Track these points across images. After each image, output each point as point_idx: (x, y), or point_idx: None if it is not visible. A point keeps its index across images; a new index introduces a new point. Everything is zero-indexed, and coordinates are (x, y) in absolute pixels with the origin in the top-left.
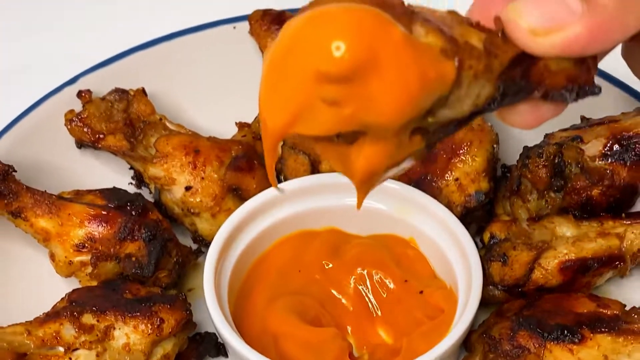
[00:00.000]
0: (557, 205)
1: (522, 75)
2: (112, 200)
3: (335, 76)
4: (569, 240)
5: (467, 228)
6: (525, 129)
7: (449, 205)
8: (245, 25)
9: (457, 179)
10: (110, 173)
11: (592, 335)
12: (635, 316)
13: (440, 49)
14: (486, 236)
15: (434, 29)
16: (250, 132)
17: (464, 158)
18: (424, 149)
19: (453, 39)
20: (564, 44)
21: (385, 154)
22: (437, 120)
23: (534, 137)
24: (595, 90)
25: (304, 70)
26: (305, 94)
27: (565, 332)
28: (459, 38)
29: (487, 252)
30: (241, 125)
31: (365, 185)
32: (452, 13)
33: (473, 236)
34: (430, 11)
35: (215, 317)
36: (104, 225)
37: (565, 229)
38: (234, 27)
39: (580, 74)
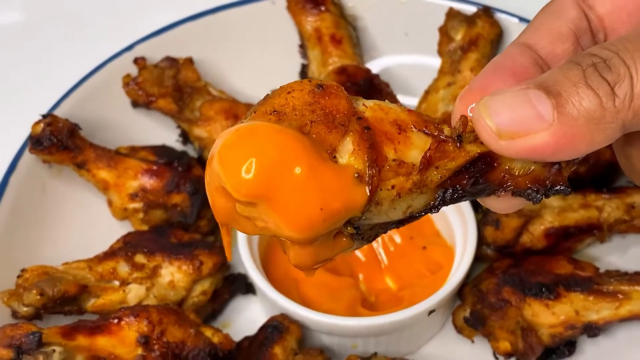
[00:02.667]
0: None
1: (480, 176)
2: (162, 156)
3: (240, 200)
4: (555, 210)
5: None
6: (502, 212)
7: None
8: (283, 2)
9: None
10: (160, 130)
11: (566, 293)
12: (607, 278)
13: (356, 172)
14: None
15: (359, 150)
16: None
17: None
18: (359, 246)
19: (375, 161)
20: (529, 150)
21: (308, 255)
22: (361, 226)
23: None
24: (566, 191)
25: (221, 188)
26: (224, 207)
27: (544, 289)
28: (388, 155)
29: (483, 217)
30: None
31: (305, 271)
32: (408, 113)
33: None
34: (380, 108)
35: (246, 262)
36: (154, 178)
37: (553, 199)
38: (273, 3)
39: (548, 176)
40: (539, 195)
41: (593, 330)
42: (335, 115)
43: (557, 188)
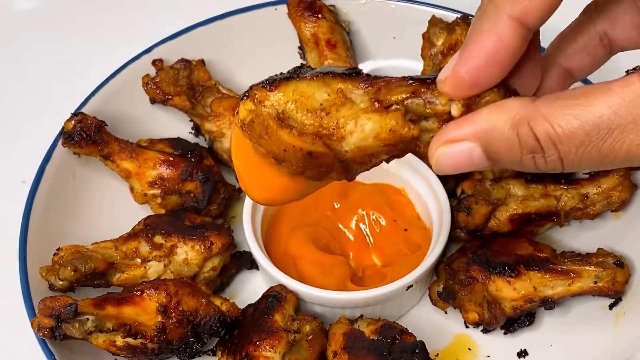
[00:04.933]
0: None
1: None
2: (177, 148)
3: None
4: (518, 198)
5: (447, 181)
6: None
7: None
8: (284, 8)
9: None
10: (175, 124)
11: (526, 271)
12: (562, 259)
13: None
14: (458, 191)
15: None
16: None
17: None
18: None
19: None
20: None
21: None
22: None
23: None
24: None
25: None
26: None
27: (506, 268)
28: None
29: (457, 204)
30: None
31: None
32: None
33: (452, 187)
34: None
35: (250, 241)
36: (170, 168)
37: (517, 189)
38: (275, 9)
39: None
40: None
41: (549, 303)
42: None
43: None
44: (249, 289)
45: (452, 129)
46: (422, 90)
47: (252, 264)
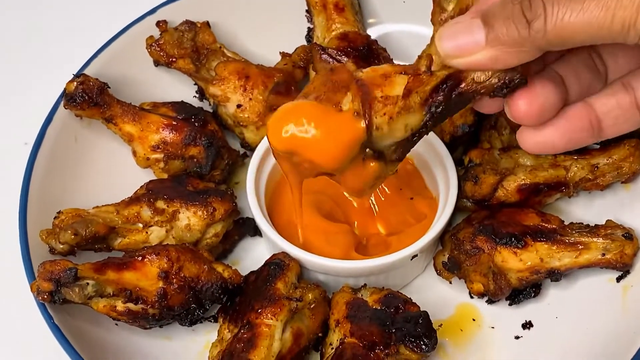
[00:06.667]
0: None
1: (453, 89)
2: (181, 112)
3: (281, 153)
4: (527, 168)
5: (455, 150)
6: (491, 112)
7: (440, 133)
8: None
9: None
10: (179, 88)
11: (533, 242)
12: (569, 230)
13: (354, 111)
14: (466, 159)
15: (355, 98)
16: (290, 62)
17: None
18: (393, 166)
19: (367, 101)
20: (472, 64)
21: (354, 183)
22: (380, 148)
23: None
24: (522, 81)
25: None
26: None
27: (513, 239)
28: (377, 95)
29: (465, 173)
30: (283, 55)
31: (359, 196)
32: (392, 66)
33: (460, 155)
34: (373, 70)
35: (253, 208)
36: (173, 132)
37: (526, 159)
38: None
39: (505, 75)
40: (504, 90)
41: (556, 275)
42: (340, 84)
43: (515, 80)
44: (252, 256)
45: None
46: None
47: (256, 231)
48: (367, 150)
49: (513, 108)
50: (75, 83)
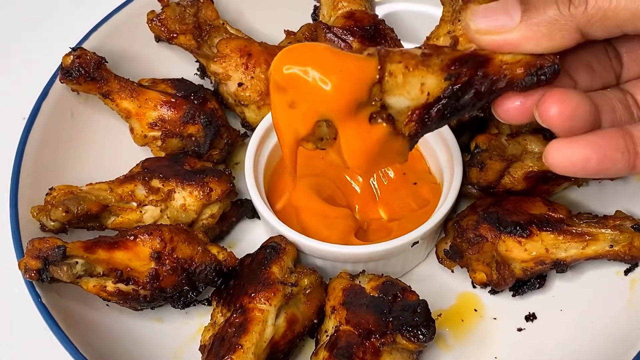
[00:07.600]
0: (534, 125)
1: (479, 68)
2: (180, 90)
3: (283, 84)
4: (535, 155)
5: (462, 134)
6: (513, 122)
7: None
8: None
9: None
10: (180, 64)
11: (538, 232)
12: (577, 220)
13: (368, 52)
14: (472, 145)
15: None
16: (294, 40)
17: None
18: (402, 144)
19: (385, 49)
20: (502, 43)
21: (355, 146)
22: (393, 107)
23: None
24: (553, 67)
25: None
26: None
27: (518, 228)
28: (395, 51)
29: (470, 159)
30: (288, 33)
31: (360, 171)
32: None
33: (466, 142)
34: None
35: (251, 190)
36: (172, 110)
37: (534, 145)
38: None
39: (535, 61)
40: (534, 78)
41: (561, 266)
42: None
43: (546, 67)
44: (250, 238)
45: None
46: None
47: (254, 213)
48: (379, 104)
49: (543, 108)
50: (71, 57)
